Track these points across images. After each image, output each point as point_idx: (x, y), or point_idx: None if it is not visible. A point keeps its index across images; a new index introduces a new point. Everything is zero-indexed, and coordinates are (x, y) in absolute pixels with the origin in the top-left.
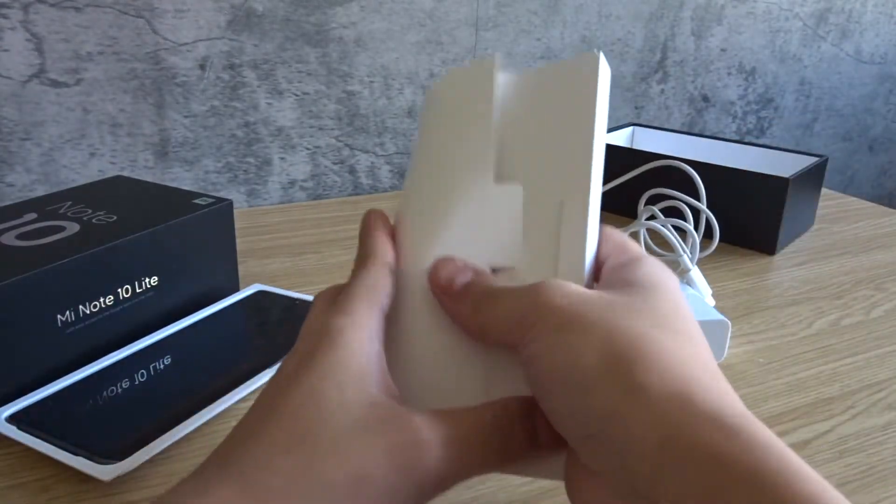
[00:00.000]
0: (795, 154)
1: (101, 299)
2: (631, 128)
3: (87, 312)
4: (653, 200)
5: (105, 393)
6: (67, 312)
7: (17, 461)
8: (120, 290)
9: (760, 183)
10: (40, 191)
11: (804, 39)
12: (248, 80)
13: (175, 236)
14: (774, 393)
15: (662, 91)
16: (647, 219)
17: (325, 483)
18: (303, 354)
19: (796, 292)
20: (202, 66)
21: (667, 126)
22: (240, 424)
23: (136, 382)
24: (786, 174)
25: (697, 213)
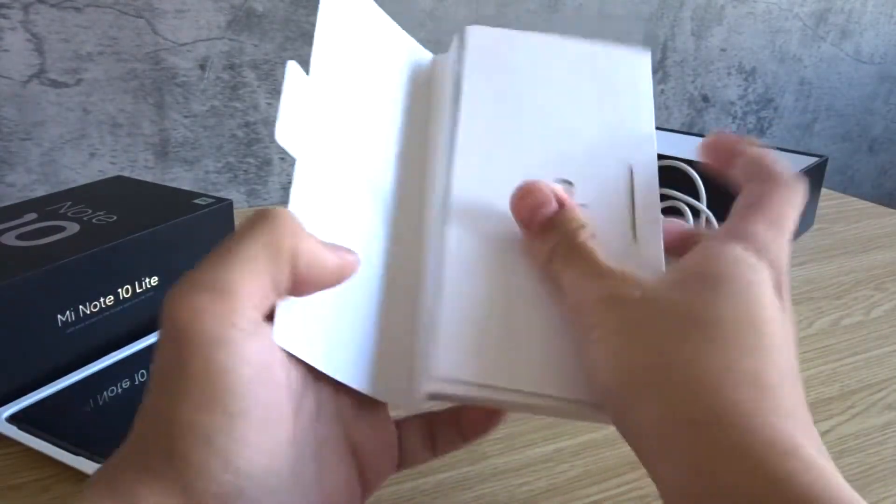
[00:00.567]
0: (795, 154)
1: (101, 299)
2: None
3: (87, 312)
4: None
5: (105, 393)
6: (67, 312)
7: (17, 461)
8: (120, 290)
9: None
10: (40, 191)
11: (804, 39)
12: (248, 80)
13: (175, 236)
14: None
15: (662, 91)
16: None
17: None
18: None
19: (796, 292)
20: (202, 67)
21: (667, 126)
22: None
23: (136, 382)
24: None
25: (697, 213)
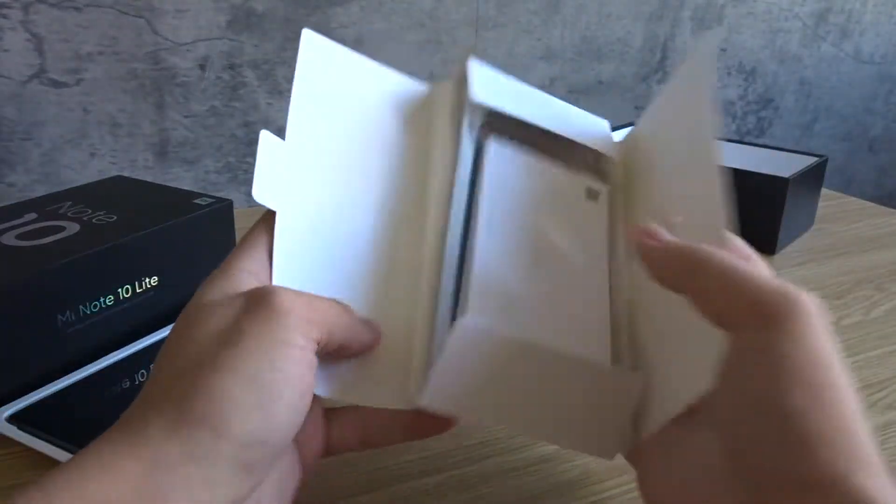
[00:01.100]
0: (795, 154)
1: (101, 299)
2: (631, 128)
3: (87, 312)
4: None
5: (105, 393)
6: (67, 312)
7: (17, 461)
8: (120, 290)
9: (760, 183)
10: (40, 191)
11: (804, 39)
12: (248, 80)
13: (175, 236)
14: None
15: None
16: None
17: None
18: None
19: None
20: (202, 66)
21: None
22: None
23: (136, 382)
24: (785, 174)
25: None
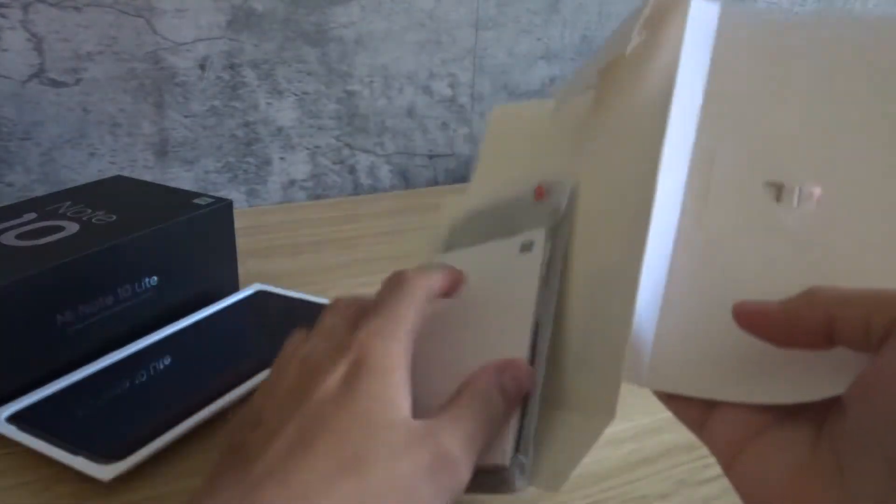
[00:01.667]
0: None
1: (101, 299)
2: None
3: (87, 312)
4: None
5: (105, 393)
6: (67, 312)
7: (17, 461)
8: (120, 290)
9: None
10: (40, 191)
11: None
12: (248, 80)
13: (175, 236)
14: None
15: None
16: None
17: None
18: (346, 375)
19: None
20: (202, 66)
21: None
22: (268, 433)
23: (136, 382)
24: None
25: None
